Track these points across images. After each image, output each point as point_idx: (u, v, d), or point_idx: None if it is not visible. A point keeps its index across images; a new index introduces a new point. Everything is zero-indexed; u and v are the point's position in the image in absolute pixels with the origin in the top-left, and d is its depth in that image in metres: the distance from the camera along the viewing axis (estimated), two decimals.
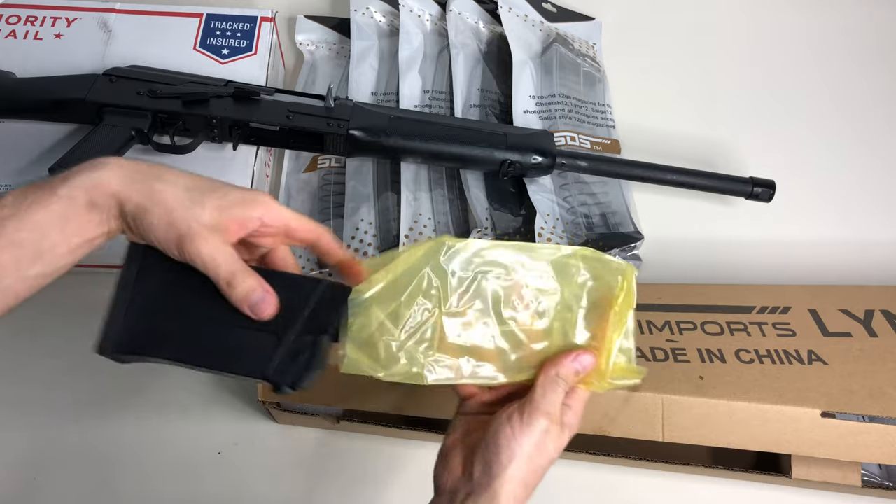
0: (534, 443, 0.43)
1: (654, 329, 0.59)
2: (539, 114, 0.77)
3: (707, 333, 0.58)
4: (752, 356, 0.56)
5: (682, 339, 0.58)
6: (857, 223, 0.76)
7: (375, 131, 0.67)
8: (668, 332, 0.58)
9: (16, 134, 0.68)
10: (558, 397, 0.44)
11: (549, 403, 0.44)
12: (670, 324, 0.59)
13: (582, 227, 0.69)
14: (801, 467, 0.55)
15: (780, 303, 0.60)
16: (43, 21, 0.74)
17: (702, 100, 0.84)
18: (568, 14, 0.88)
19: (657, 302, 0.61)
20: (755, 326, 0.59)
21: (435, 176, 0.72)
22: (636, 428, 0.54)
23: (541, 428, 0.43)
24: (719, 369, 0.55)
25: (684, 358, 0.56)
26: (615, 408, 0.54)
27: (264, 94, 0.68)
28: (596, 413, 0.54)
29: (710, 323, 0.59)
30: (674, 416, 0.53)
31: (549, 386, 0.44)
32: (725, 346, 0.57)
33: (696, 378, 0.55)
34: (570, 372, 0.45)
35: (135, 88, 0.67)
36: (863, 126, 0.83)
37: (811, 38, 0.90)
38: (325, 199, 0.72)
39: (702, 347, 0.57)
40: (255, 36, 0.76)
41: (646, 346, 0.57)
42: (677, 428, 0.53)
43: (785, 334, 0.58)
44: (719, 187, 0.72)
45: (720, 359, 0.56)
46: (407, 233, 0.67)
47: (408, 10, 0.83)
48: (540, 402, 0.43)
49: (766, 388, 0.54)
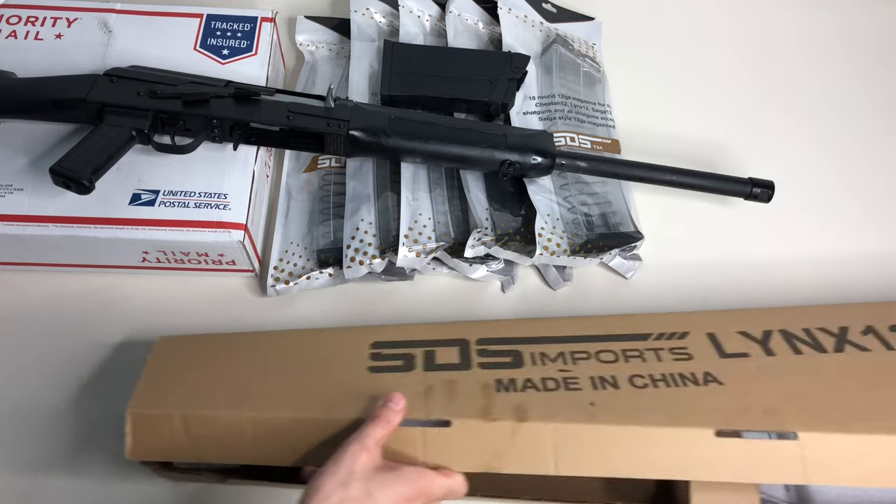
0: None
1: (548, 360, 0.57)
2: (539, 114, 0.77)
3: (601, 361, 0.56)
4: (646, 381, 0.54)
5: (575, 368, 0.56)
6: (857, 223, 0.76)
7: (375, 132, 0.67)
8: (562, 363, 0.56)
9: (16, 134, 0.68)
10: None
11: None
12: (564, 354, 0.57)
13: (582, 227, 0.69)
14: (700, 494, 0.52)
15: (678, 329, 0.59)
16: (43, 21, 0.74)
17: (702, 100, 0.84)
18: (568, 14, 0.88)
19: (552, 334, 0.59)
20: (651, 352, 0.57)
21: (435, 176, 0.72)
22: (527, 462, 0.51)
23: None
24: (612, 396, 0.53)
25: (576, 386, 0.54)
26: (503, 441, 0.51)
27: (264, 94, 0.68)
28: (483, 449, 0.51)
29: (606, 352, 0.57)
30: (566, 446, 0.51)
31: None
32: (619, 372, 0.55)
33: (586, 405, 0.52)
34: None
35: (135, 88, 0.67)
36: (863, 126, 0.83)
37: (811, 38, 0.90)
38: (325, 199, 0.72)
39: (595, 375, 0.55)
40: (256, 36, 0.76)
41: (537, 378, 0.55)
42: (570, 459, 0.51)
43: (681, 358, 0.56)
44: (719, 188, 0.72)
45: (613, 385, 0.54)
46: (407, 233, 0.67)
47: (407, 11, 0.84)
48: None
49: (659, 410, 0.52)
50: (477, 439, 0.51)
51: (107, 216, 0.64)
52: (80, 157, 0.62)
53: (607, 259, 0.70)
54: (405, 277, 0.70)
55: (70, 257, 0.67)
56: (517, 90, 0.77)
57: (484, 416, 0.52)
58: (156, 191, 0.65)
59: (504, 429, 0.51)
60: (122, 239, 0.64)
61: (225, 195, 0.66)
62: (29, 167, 0.66)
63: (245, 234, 0.65)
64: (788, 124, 0.83)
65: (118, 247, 0.65)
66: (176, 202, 0.65)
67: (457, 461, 0.51)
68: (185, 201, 0.65)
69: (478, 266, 0.69)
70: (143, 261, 0.67)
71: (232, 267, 0.68)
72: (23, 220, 0.63)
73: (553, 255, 0.67)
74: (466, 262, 0.69)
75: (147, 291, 0.69)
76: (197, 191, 0.66)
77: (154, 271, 0.69)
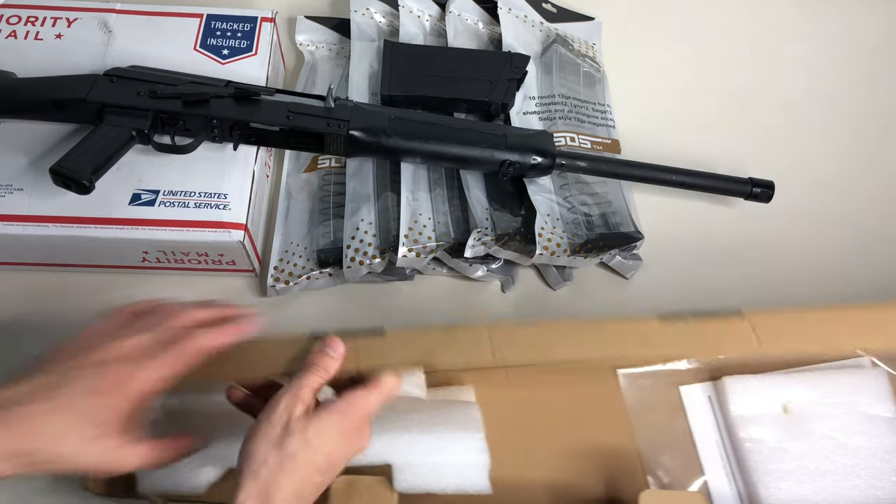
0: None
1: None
2: (539, 114, 0.77)
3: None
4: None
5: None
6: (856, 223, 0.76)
7: (375, 132, 0.67)
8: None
9: (16, 134, 0.68)
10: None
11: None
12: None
13: (582, 227, 0.69)
14: (649, 500, 0.53)
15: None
16: (43, 21, 0.74)
17: (702, 99, 0.84)
18: (568, 14, 0.88)
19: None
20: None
21: (435, 176, 0.72)
22: (464, 354, 0.54)
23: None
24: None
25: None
26: (438, 340, 0.54)
27: (264, 94, 0.68)
28: (419, 351, 0.54)
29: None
30: (502, 337, 0.55)
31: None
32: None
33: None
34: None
35: (135, 89, 0.67)
36: (864, 126, 0.83)
37: (812, 38, 0.90)
38: (325, 199, 0.72)
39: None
40: (256, 36, 0.76)
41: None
42: (508, 348, 0.54)
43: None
44: (719, 187, 0.72)
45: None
46: (406, 233, 0.67)
47: (407, 11, 0.84)
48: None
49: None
50: (412, 344, 0.51)
51: (107, 216, 0.64)
52: (80, 157, 0.62)
53: (607, 259, 0.70)
54: (405, 277, 0.70)
55: (70, 257, 0.67)
56: (517, 90, 0.77)
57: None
58: (156, 191, 0.65)
59: (439, 330, 0.54)
60: (122, 239, 0.64)
61: (225, 195, 0.66)
62: (29, 167, 0.66)
63: (245, 233, 0.65)
64: (789, 124, 0.83)
65: (118, 247, 0.65)
66: (176, 202, 0.65)
67: (392, 364, 0.52)
68: (185, 201, 0.65)
69: (478, 266, 0.69)
70: (143, 261, 0.67)
71: (232, 267, 0.68)
72: (23, 220, 0.63)
73: (553, 255, 0.67)
74: (466, 262, 0.69)
75: (147, 292, 0.69)
76: (197, 191, 0.66)
77: (154, 271, 0.69)
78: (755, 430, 0.56)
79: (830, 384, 0.57)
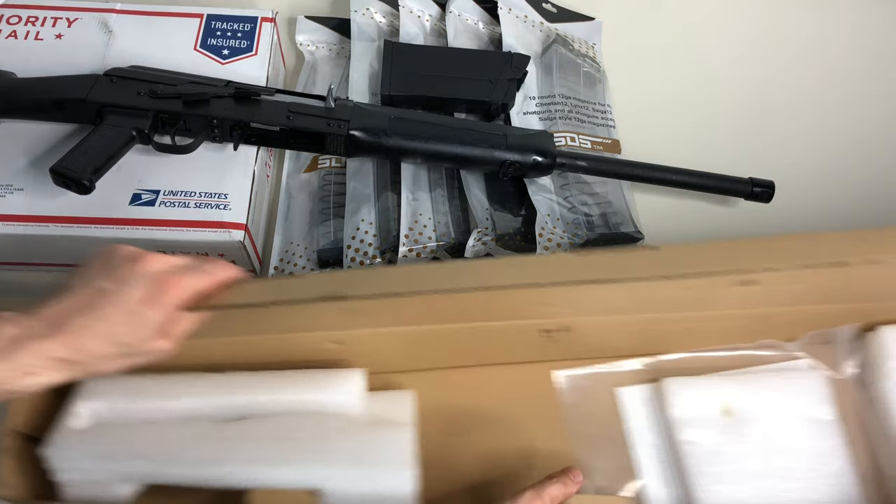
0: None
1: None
2: (539, 114, 0.77)
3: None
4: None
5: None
6: (856, 223, 0.76)
7: (376, 132, 0.67)
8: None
9: (16, 134, 0.68)
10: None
11: None
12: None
13: (582, 227, 0.69)
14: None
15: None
16: (44, 21, 0.74)
17: (702, 99, 0.84)
18: (568, 14, 0.88)
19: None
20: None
21: (435, 176, 0.72)
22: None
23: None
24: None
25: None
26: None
27: (265, 94, 0.68)
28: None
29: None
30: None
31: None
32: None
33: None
34: None
35: (135, 89, 0.67)
36: (864, 127, 0.83)
37: (812, 38, 0.90)
38: (326, 200, 0.72)
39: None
40: (256, 36, 0.76)
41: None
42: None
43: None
44: (719, 187, 0.72)
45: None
46: (407, 233, 0.67)
47: (407, 11, 0.84)
48: None
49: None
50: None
51: (107, 216, 0.64)
52: (80, 157, 0.62)
53: None
54: None
55: (70, 257, 0.67)
56: (517, 90, 0.77)
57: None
58: (156, 191, 0.65)
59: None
60: (123, 239, 0.64)
61: (225, 195, 0.66)
62: (29, 167, 0.66)
63: (245, 233, 0.65)
64: (789, 124, 0.83)
65: None
66: (176, 202, 0.65)
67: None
68: (185, 201, 0.65)
69: None
70: None
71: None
72: (23, 220, 0.63)
73: None
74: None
75: None
76: (197, 191, 0.66)
77: None
78: (694, 432, 0.55)
79: (770, 386, 0.57)
